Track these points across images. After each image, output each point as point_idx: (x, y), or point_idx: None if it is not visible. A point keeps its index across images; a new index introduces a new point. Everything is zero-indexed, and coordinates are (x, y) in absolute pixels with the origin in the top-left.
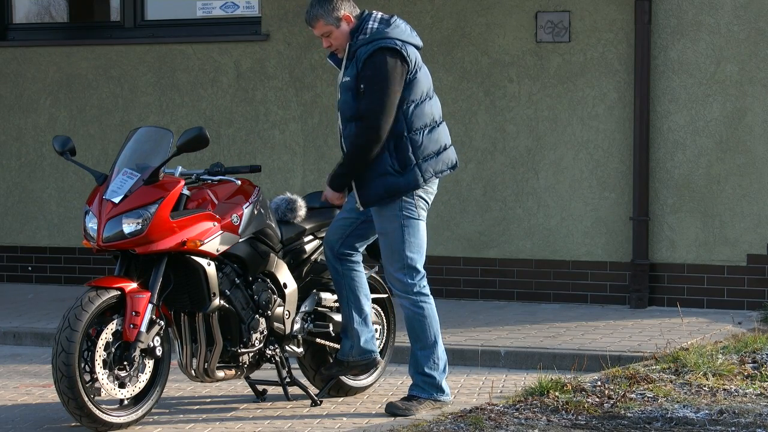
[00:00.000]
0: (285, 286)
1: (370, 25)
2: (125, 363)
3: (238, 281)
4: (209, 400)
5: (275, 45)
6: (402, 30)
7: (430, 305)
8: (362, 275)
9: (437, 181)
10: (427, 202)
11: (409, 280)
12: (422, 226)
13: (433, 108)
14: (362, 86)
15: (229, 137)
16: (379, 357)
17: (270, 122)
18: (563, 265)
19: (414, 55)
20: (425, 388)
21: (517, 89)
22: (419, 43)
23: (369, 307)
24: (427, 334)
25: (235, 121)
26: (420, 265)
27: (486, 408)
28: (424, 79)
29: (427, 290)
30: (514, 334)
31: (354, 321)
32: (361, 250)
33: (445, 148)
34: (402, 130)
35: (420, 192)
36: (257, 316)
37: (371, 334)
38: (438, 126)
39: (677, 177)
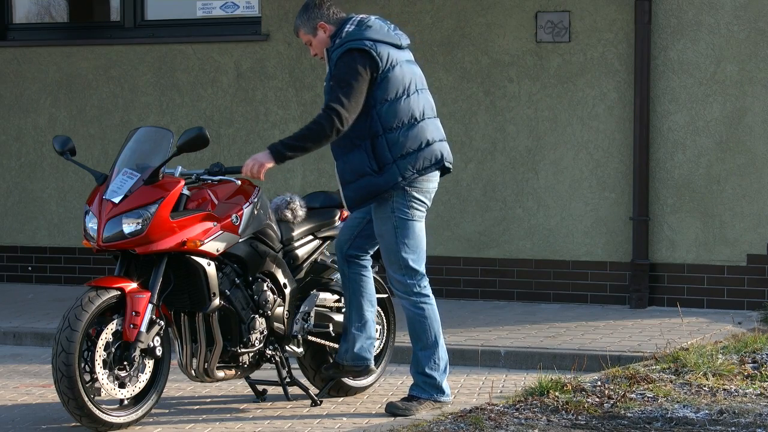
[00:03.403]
0: (285, 286)
1: (346, 29)
2: (125, 363)
3: (238, 281)
4: (209, 400)
5: (275, 45)
6: (375, 30)
7: (431, 306)
8: (369, 281)
9: (435, 178)
10: (422, 202)
11: (409, 281)
12: (417, 226)
13: (413, 105)
14: (331, 84)
15: (229, 137)
16: (372, 366)
17: (270, 122)
18: (563, 265)
19: (386, 53)
20: (425, 388)
21: (517, 89)
22: (400, 41)
23: (371, 315)
24: (427, 334)
25: (235, 121)
26: (418, 266)
27: (486, 408)
28: (402, 77)
29: (427, 291)
30: (514, 334)
31: (353, 325)
32: (371, 251)
33: (428, 145)
34: (377, 130)
35: (413, 192)
36: (257, 316)
37: (369, 341)
38: (419, 123)
39: (677, 177)
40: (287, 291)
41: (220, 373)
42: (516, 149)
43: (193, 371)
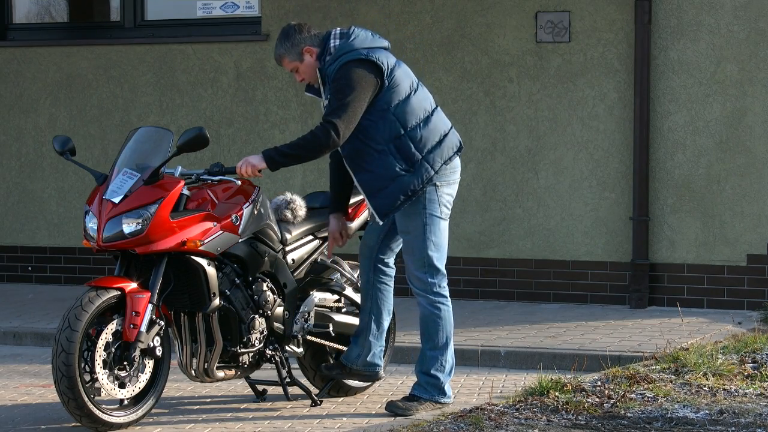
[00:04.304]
0: (285, 286)
1: (332, 44)
2: (125, 363)
3: (238, 281)
4: (209, 400)
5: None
6: (363, 38)
7: (447, 307)
8: (390, 291)
9: (458, 167)
10: (451, 196)
11: (429, 279)
12: (444, 225)
13: (422, 99)
14: (328, 98)
15: (229, 137)
16: (382, 372)
17: (270, 122)
18: (563, 265)
19: (384, 57)
20: (428, 389)
21: (517, 89)
22: (385, 43)
23: (387, 323)
24: (439, 335)
25: (235, 121)
26: (440, 265)
27: (486, 408)
28: (404, 75)
29: (445, 292)
30: (514, 334)
31: (370, 333)
32: (396, 251)
33: (446, 135)
34: (398, 131)
35: (443, 186)
36: (257, 316)
37: (380, 348)
38: (432, 115)
39: (677, 177)
40: (287, 291)
41: (220, 373)
42: (516, 149)
43: (193, 371)
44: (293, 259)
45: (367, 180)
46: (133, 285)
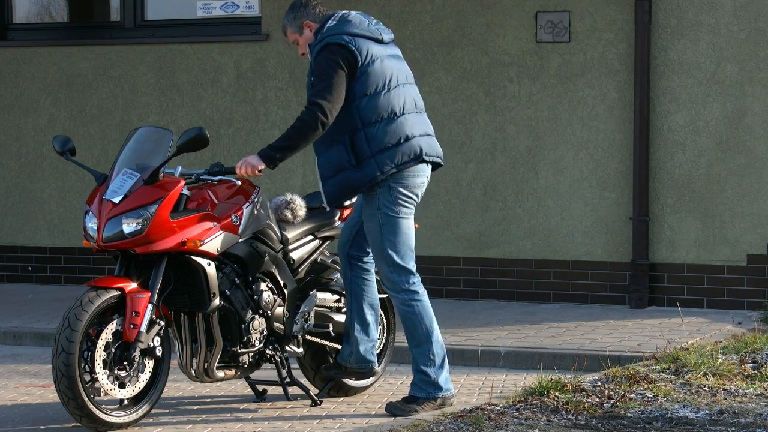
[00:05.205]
0: (285, 286)
1: (328, 25)
2: (125, 363)
3: (238, 281)
4: (209, 400)
5: (275, 45)
6: (355, 24)
7: (420, 302)
8: (371, 284)
9: (422, 172)
10: (409, 197)
11: (396, 278)
12: (404, 223)
13: (393, 100)
14: (312, 79)
15: (229, 137)
16: (376, 367)
17: (270, 122)
18: (563, 265)
19: (366, 47)
20: (423, 386)
21: (517, 89)
22: (381, 35)
23: (373, 318)
24: (419, 331)
25: (235, 121)
26: (406, 263)
27: (486, 408)
28: (382, 71)
29: (416, 287)
30: (514, 334)
31: (354, 328)
32: (369, 249)
33: (408, 140)
34: (357, 125)
35: (399, 187)
36: (257, 316)
37: (371, 344)
38: (398, 117)
39: (677, 177)
40: (287, 291)
41: (220, 373)
42: (516, 149)
43: (193, 371)
44: (293, 259)
45: (322, 165)
46: (133, 285)
